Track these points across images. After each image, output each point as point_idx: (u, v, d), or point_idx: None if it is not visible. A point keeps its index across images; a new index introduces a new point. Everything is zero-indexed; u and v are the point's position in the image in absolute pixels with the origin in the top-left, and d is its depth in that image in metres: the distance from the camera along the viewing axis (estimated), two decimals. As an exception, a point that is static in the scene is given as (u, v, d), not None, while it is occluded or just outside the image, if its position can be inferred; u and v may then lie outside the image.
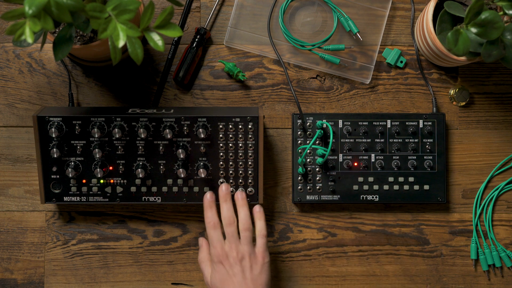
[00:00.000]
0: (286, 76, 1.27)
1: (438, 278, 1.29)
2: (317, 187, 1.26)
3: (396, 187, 1.25)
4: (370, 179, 1.25)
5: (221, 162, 1.21)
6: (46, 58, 1.28)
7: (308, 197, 1.26)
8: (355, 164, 1.26)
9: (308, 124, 1.25)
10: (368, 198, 1.26)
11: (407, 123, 1.26)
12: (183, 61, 1.26)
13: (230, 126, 1.19)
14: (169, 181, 1.21)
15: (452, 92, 1.28)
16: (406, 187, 1.26)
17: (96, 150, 1.18)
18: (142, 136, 1.17)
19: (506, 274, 1.30)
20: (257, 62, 1.29)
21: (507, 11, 1.09)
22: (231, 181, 1.21)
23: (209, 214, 1.17)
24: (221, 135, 1.20)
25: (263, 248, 1.16)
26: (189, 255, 1.29)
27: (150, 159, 1.20)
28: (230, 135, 1.20)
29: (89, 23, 0.97)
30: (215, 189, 1.21)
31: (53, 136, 1.17)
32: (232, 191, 1.21)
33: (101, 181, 1.21)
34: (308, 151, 1.25)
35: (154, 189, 1.21)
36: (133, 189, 1.21)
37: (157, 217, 1.28)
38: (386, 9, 1.28)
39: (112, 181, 1.21)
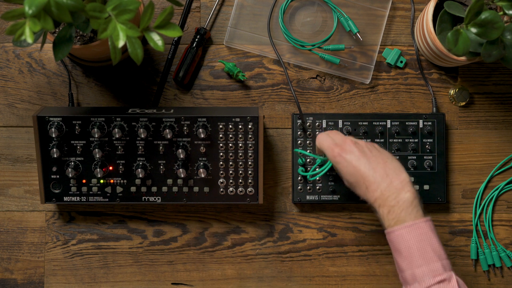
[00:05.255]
0: (286, 76, 1.27)
1: (438, 278, 1.29)
2: (317, 187, 1.26)
3: (396, 187, 1.25)
4: (370, 179, 1.25)
5: (221, 162, 1.21)
6: (46, 58, 1.28)
7: (308, 197, 1.26)
8: (355, 164, 1.25)
9: (308, 124, 1.25)
10: (368, 198, 1.25)
11: (407, 123, 1.26)
12: (183, 61, 1.26)
13: (230, 126, 1.19)
14: (169, 181, 1.21)
15: (452, 92, 1.28)
16: (406, 187, 1.26)
17: (96, 150, 1.18)
18: (142, 136, 1.17)
19: (506, 274, 1.30)
20: (257, 62, 1.29)
21: (507, 11, 1.09)
22: (231, 181, 1.21)
23: None
24: (221, 135, 1.20)
25: None
26: (189, 255, 1.29)
27: (150, 159, 1.20)
28: (230, 135, 1.20)
29: (89, 23, 0.97)
30: (215, 189, 1.21)
31: (53, 136, 1.17)
32: (232, 191, 1.21)
33: (101, 181, 1.21)
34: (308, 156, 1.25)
35: (154, 189, 1.21)
36: (133, 189, 1.21)
37: (157, 217, 1.28)
38: (386, 9, 1.28)
39: (112, 181, 1.21)
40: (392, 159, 1.10)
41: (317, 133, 1.25)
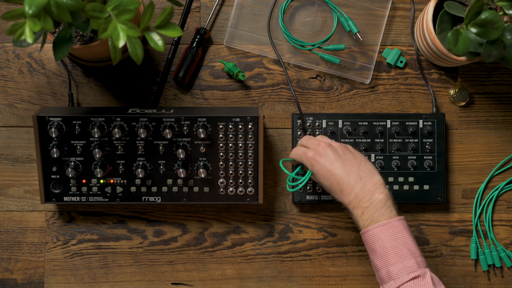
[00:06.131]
0: (286, 76, 1.27)
1: (438, 278, 1.29)
2: (317, 187, 1.26)
3: (396, 187, 1.25)
4: (370, 179, 1.25)
5: (221, 162, 1.21)
6: (46, 58, 1.28)
7: (308, 197, 1.26)
8: (355, 164, 1.25)
9: (308, 124, 1.25)
10: (368, 198, 1.25)
11: (407, 123, 1.26)
12: (183, 61, 1.26)
13: (230, 126, 1.19)
14: (169, 181, 1.21)
15: (452, 92, 1.28)
16: (406, 187, 1.26)
17: (96, 150, 1.18)
18: (142, 136, 1.17)
19: (506, 274, 1.30)
20: (257, 62, 1.29)
21: (507, 11, 1.09)
22: (231, 181, 1.21)
23: None
24: (221, 135, 1.20)
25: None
26: (189, 255, 1.29)
27: (150, 159, 1.20)
28: (230, 135, 1.20)
29: (89, 23, 0.97)
30: (215, 189, 1.22)
31: (53, 136, 1.17)
32: (232, 191, 1.21)
33: (101, 181, 1.21)
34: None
35: (154, 189, 1.21)
36: (133, 189, 1.21)
37: (157, 217, 1.28)
38: (386, 9, 1.28)
39: (112, 181, 1.21)
40: (365, 162, 1.11)
41: (317, 133, 1.25)
